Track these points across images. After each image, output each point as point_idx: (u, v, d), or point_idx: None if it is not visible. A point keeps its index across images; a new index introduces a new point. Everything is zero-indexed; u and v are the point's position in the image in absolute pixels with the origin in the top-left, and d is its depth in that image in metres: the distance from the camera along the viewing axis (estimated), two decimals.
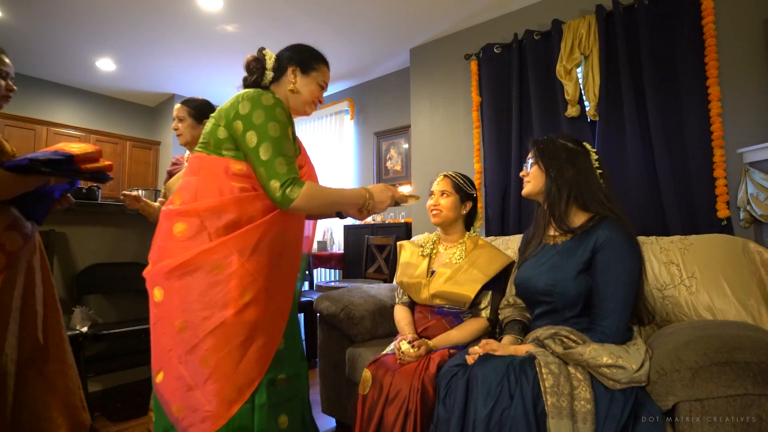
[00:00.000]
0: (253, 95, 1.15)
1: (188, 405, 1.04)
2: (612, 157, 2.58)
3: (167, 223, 1.14)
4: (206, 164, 1.16)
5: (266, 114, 1.13)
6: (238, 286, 1.08)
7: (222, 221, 1.10)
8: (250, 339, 1.09)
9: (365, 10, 3.36)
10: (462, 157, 3.48)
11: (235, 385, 1.06)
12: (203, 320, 1.06)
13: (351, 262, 4.19)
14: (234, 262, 1.08)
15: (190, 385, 1.05)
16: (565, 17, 2.88)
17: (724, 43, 2.33)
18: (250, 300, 1.09)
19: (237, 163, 1.15)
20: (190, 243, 1.09)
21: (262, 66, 1.28)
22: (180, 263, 1.07)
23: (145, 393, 2.32)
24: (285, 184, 1.10)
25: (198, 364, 1.05)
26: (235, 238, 1.09)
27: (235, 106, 1.14)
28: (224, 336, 1.06)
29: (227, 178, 1.13)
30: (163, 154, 5.56)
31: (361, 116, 4.90)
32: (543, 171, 1.28)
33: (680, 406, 0.96)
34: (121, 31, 3.76)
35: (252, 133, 1.11)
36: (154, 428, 1.13)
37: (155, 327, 1.12)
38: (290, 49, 1.33)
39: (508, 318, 1.38)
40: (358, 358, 1.61)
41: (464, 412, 1.06)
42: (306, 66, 1.30)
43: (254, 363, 1.09)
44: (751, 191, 2.07)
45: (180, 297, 1.08)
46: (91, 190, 2.34)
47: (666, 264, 1.52)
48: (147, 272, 1.15)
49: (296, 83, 1.28)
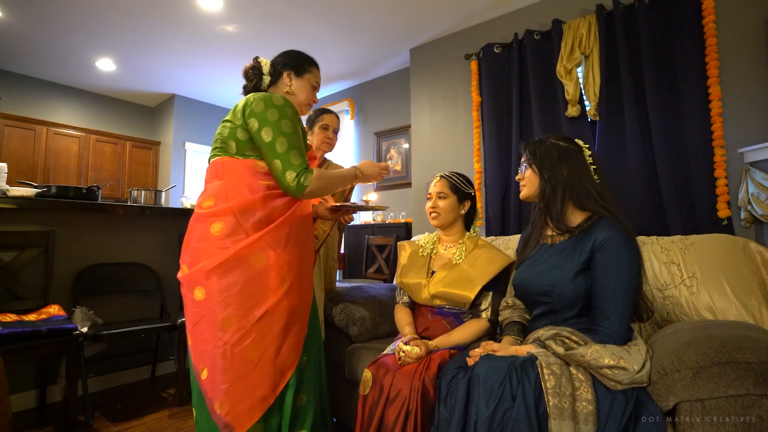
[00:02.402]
0: (264, 96, 1.24)
1: (233, 397, 1.11)
2: (612, 157, 2.58)
3: (202, 225, 1.21)
4: (230, 167, 1.24)
5: (279, 112, 1.22)
6: (277, 276, 1.18)
7: (255, 217, 1.19)
8: (289, 325, 1.19)
9: (365, 10, 3.36)
10: (462, 157, 3.47)
11: (278, 368, 1.16)
12: (248, 312, 1.14)
13: (351, 262, 4.19)
14: (271, 255, 1.18)
15: (239, 376, 1.12)
16: (565, 17, 2.88)
17: (725, 42, 2.33)
18: (288, 289, 1.20)
19: (260, 161, 1.24)
20: (228, 241, 1.17)
21: (259, 72, 1.39)
22: (222, 261, 1.15)
23: (146, 393, 2.32)
24: (300, 174, 1.21)
25: (247, 354, 1.13)
26: (269, 233, 1.19)
27: (249, 106, 1.23)
28: (268, 324, 1.16)
29: (254, 177, 1.23)
30: (163, 154, 5.56)
31: (361, 116, 4.90)
32: (536, 173, 1.28)
33: (681, 407, 0.95)
34: (121, 31, 3.76)
35: (267, 129, 1.21)
36: (196, 424, 1.19)
37: (198, 326, 1.17)
38: (282, 55, 1.44)
39: (508, 319, 1.38)
40: (358, 358, 1.61)
41: (465, 413, 1.05)
42: (299, 69, 1.41)
43: (293, 347, 1.20)
44: (752, 191, 2.07)
45: (222, 293, 1.14)
46: (91, 190, 2.34)
47: (666, 264, 1.52)
48: (184, 275, 1.20)
49: (292, 86, 1.39)
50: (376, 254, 3.71)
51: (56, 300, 2.10)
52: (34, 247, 2.06)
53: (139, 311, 2.47)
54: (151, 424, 1.93)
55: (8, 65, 4.55)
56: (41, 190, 2.16)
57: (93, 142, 5.08)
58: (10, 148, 4.47)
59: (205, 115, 5.67)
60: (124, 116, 5.63)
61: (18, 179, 3.81)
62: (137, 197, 2.65)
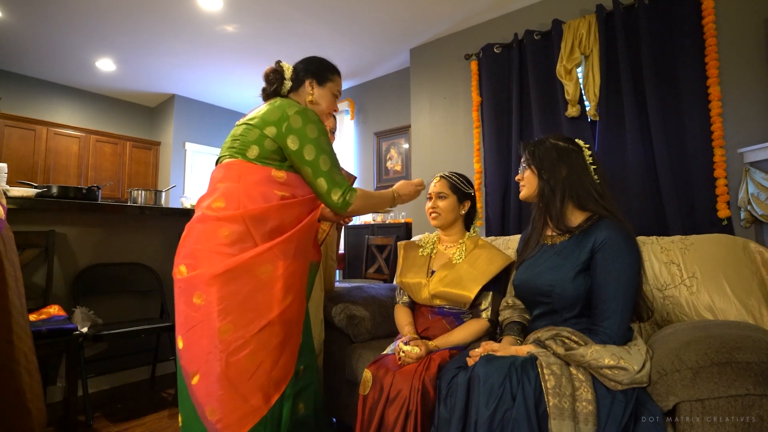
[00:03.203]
0: (299, 110, 1.23)
1: (226, 405, 1.08)
2: (612, 157, 2.58)
3: (208, 226, 1.17)
4: (247, 171, 1.21)
5: (317, 128, 1.24)
6: (283, 288, 1.16)
7: (267, 227, 1.17)
8: (287, 338, 1.18)
9: (365, 10, 3.36)
10: (462, 157, 3.47)
11: (274, 379, 1.14)
12: (250, 321, 1.12)
13: (351, 262, 4.19)
14: (280, 266, 1.16)
15: (233, 385, 1.09)
16: (565, 17, 2.88)
17: (725, 42, 2.33)
18: (292, 300, 1.18)
19: (279, 171, 1.23)
20: (235, 248, 1.14)
21: (281, 76, 1.37)
22: (227, 268, 1.11)
23: (146, 393, 2.32)
24: (345, 192, 1.24)
25: (244, 364, 1.10)
26: (280, 244, 1.17)
27: (285, 119, 1.21)
28: (268, 335, 1.13)
29: (270, 186, 1.21)
30: (163, 154, 5.56)
31: (361, 116, 4.90)
32: (535, 173, 1.28)
33: (681, 407, 0.95)
34: (121, 31, 3.76)
35: (309, 147, 1.21)
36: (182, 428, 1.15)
37: (194, 330, 1.13)
38: (305, 62, 1.42)
39: (508, 319, 1.38)
40: (358, 358, 1.61)
41: (465, 413, 1.05)
42: (322, 78, 1.39)
43: (289, 358, 1.19)
44: (752, 191, 2.07)
45: (225, 300, 1.11)
46: (91, 190, 2.33)
47: (666, 264, 1.52)
48: (184, 278, 1.16)
49: (314, 94, 1.38)
50: (376, 254, 3.71)
51: (56, 300, 2.10)
52: (34, 247, 2.06)
53: (139, 311, 2.47)
54: (151, 424, 1.93)
55: (8, 65, 4.55)
56: (41, 191, 2.16)
57: (93, 142, 5.08)
58: (10, 148, 4.47)
59: (205, 115, 5.67)
60: (124, 116, 5.63)
61: (18, 179, 3.80)
62: (137, 197, 2.65)
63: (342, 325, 1.75)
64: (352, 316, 1.73)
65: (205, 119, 5.66)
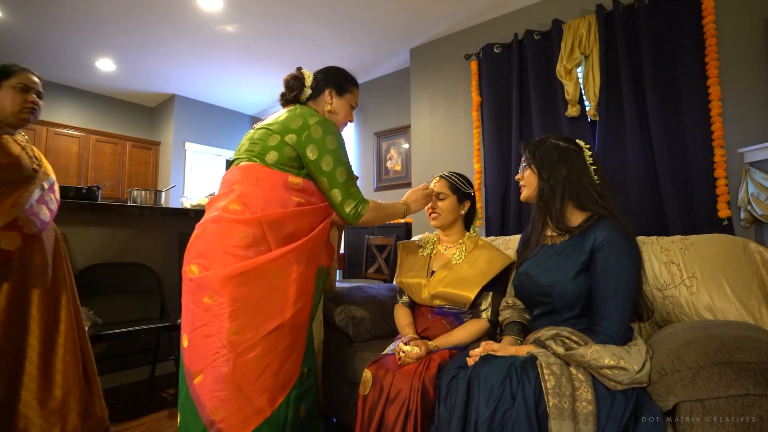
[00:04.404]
0: (319, 120, 1.27)
1: (230, 406, 1.09)
2: (612, 157, 2.58)
3: (223, 228, 1.17)
4: (265, 176, 1.22)
5: (336, 140, 1.29)
6: (296, 292, 1.18)
7: (282, 232, 1.19)
8: (295, 340, 1.19)
9: (365, 10, 3.36)
10: (462, 157, 3.47)
11: (279, 382, 1.15)
12: (260, 324, 1.12)
13: (351, 262, 4.19)
14: (294, 270, 1.18)
15: (239, 386, 1.09)
16: (565, 17, 2.88)
17: (725, 42, 2.33)
18: (303, 305, 1.20)
19: (296, 178, 1.25)
20: (250, 251, 1.15)
21: (302, 84, 1.39)
22: (242, 271, 1.12)
23: (145, 393, 2.32)
24: (357, 204, 1.29)
25: (251, 365, 1.11)
26: (295, 249, 1.19)
27: (306, 128, 1.25)
28: (277, 338, 1.15)
29: (287, 192, 1.23)
30: (163, 154, 5.56)
31: (361, 116, 4.90)
32: (535, 173, 1.28)
33: (681, 407, 0.95)
34: (121, 31, 3.76)
35: (328, 158, 1.25)
36: (180, 429, 1.15)
37: (202, 329, 1.13)
38: (325, 71, 1.44)
39: (508, 319, 1.38)
40: (358, 358, 1.61)
41: (465, 413, 1.05)
42: (341, 89, 1.43)
43: (295, 361, 1.20)
44: (752, 191, 2.07)
45: (237, 302, 1.12)
46: (91, 190, 2.33)
47: (666, 264, 1.52)
48: (196, 277, 1.15)
49: (333, 104, 1.42)
50: (376, 254, 3.71)
51: None
52: None
53: (139, 311, 2.47)
54: (151, 424, 1.93)
55: None
56: None
57: (93, 142, 5.08)
58: None
59: (205, 115, 5.67)
60: (124, 116, 5.63)
61: None
62: (137, 197, 2.65)
63: (342, 325, 1.75)
64: (352, 316, 1.73)
65: (205, 119, 5.66)
